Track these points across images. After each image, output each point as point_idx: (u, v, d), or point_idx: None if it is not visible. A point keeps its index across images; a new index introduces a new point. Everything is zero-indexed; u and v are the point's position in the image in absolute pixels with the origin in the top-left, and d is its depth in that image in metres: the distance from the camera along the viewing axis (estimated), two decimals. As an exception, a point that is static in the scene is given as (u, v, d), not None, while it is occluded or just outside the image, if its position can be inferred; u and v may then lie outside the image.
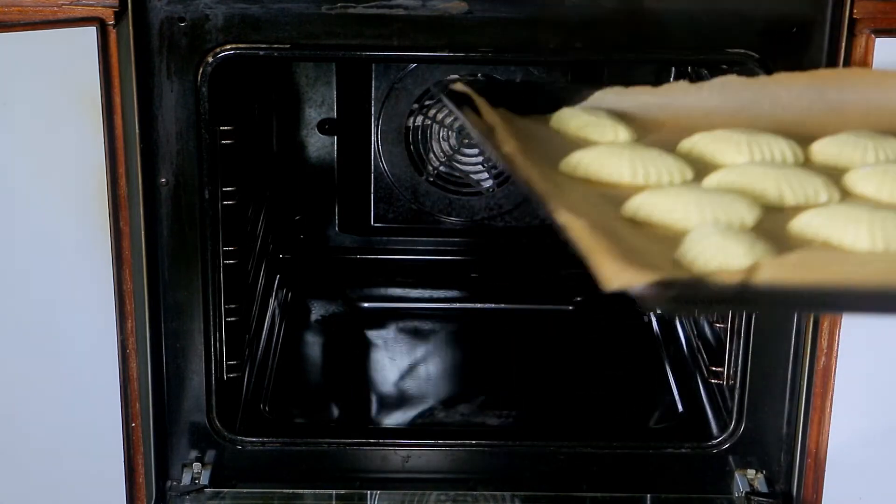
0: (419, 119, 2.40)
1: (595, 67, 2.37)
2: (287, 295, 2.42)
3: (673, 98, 1.52)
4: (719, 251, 1.11)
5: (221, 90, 1.76)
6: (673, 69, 2.34)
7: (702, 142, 1.42)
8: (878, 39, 1.66)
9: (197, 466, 1.86)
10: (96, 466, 1.82)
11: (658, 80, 2.36)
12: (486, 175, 2.44)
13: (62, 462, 1.82)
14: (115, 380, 1.78)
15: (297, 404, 2.09)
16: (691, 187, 1.27)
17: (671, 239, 1.16)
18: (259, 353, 2.17)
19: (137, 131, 1.70)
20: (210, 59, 1.68)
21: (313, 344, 2.32)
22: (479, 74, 2.36)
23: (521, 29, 1.69)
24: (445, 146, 2.42)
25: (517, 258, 2.50)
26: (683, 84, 1.51)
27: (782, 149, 1.39)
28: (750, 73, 1.71)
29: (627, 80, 2.41)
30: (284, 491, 1.87)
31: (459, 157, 2.43)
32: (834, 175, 1.34)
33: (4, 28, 1.62)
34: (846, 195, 1.31)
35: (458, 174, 2.44)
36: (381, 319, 2.37)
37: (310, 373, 2.24)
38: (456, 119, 2.39)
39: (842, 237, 1.18)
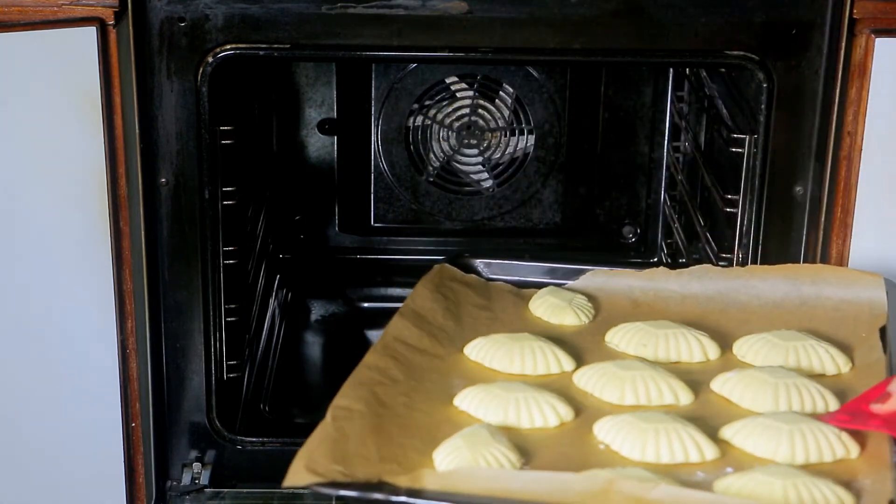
0: (419, 119, 2.41)
1: (594, 68, 2.37)
2: (287, 295, 2.42)
3: (655, 282, 1.67)
4: (450, 453, 1.30)
5: (221, 90, 1.76)
6: (672, 71, 2.35)
7: (620, 332, 1.57)
8: (878, 39, 1.66)
9: (197, 466, 1.86)
10: (96, 466, 1.83)
11: (657, 81, 2.37)
12: (486, 175, 2.44)
13: (62, 462, 1.82)
14: (115, 380, 1.78)
15: (297, 404, 2.09)
16: (517, 388, 1.42)
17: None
18: (259, 353, 2.17)
19: (137, 131, 1.70)
20: (210, 59, 1.68)
21: (313, 344, 2.32)
22: (478, 76, 2.36)
23: (521, 29, 1.69)
24: (445, 146, 2.42)
25: (517, 258, 2.49)
26: (664, 270, 1.67)
27: (690, 346, 1.53)
28: (749, 75, 1.71)
29: (627, 81, 2.42)
30: (284, 491, 1.87)
31: (459, 157, 2.43)
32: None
33: (4, 28, 1.62)
34: (707, 396, 1.44)
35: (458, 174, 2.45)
36: (381, 319, 2.35)
37: (310, 373, 2.24)
38: (456, 119, 2.40)
39: (620, 446, 1.32)
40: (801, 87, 1.70)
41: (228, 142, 1.80)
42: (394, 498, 1.21)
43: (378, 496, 1.22)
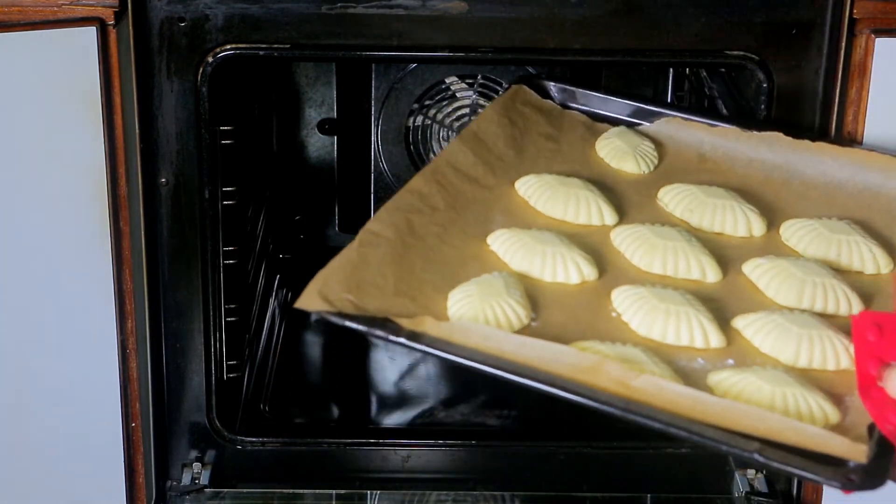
0: (419, 119, 2.40)
1: (594, 68, 2.36)
2: (287, 295, 2.42)
3: (725, 140, 1.67)
4: (462, 299, 1.31)
5: (221, 90, 1.76)
6: (672, 71, 2.34)
7: (673, 192, 1.56)
8: (878, 39, 1.66)
9: (197, 466, 1.86)
10: (96, 466, 1.83)
11: (657, 81, 2.37)
12: (486, 175, 2.44)
13: (62, 462, 1.82)
14: (115, 380, 1.78)
15: (297, 404, 2.09)
16: (548, 239, 1.42)
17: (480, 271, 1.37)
18: (259, 353, 2.17)
19: (137, 131, 1.70)
20: (210, 59, 1.68)
21: (313, 344, 2.32)
22: (479, 76, 2.36)
23: (521, 29, 1.69)
24: (445, 146, 2.42)
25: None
26: (737, 130, 1.66)
27: (736, 219, 1.51)
28: (749, 74, 1.71)
29: (626, 81, 2.42)
30: (284, 491, 1.87)
31: (459, 157, 2.43)
32: (764, 252, 1.47)
33: (4, 28, 1.62)
34: (735, 278, 1.43)
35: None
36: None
37: (310, 373, 2.24)
38: (456, 119, 2.40)
39: (630, 318, 1.33)
40: (801, 87, 1.70)
41: (228, 142, 1.80)
42: (392, 337, 1.24)
43: (380, 333, 1.25)
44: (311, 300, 1.27)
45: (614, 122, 1.71)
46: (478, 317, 1.29)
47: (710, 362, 1.30)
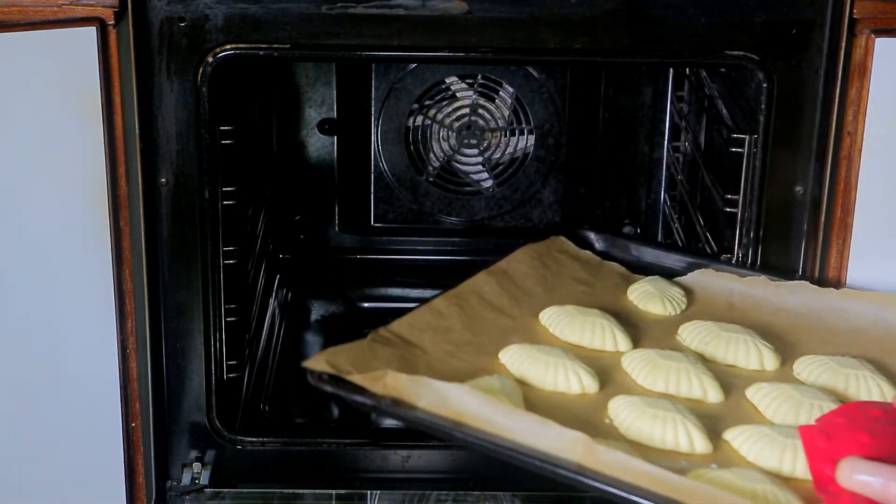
0: (419, 119, 2.41)
1: (594, 68, 2.37)
2: (287, 295, 2.42)
3: (754, 290, 1.69)
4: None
5: (221, 90, 1.76)
6: (672, 71, 2.35)
7: (691, 327, 1.59)
8: (878, 39, 1.66)
9: (197, 466, 1.86)
10: (96, 466, 1.83)
11: (657, 81, 2.37)
12: (486, 175, 2.44)
13: (62, 462, 1.82)
14: (115, 380, 1.78)
15: (297, 404, 2.09)
16: (556, 352, 1.46)
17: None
18: (259, 353, 2.17)
19: (137, 131, 1.70)
20: (210, 59, 1.68)
21: (313, 344, 2.32)
22: (479, 76, 2.36)
23: (521, 29, 1.69)
24: (445, 146, 2.42)
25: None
26: (765, 279, 1.69)
27: (748, 353, 1.54)
28: (749, 74, 1.71)
29: (627, 81, 2.42)
30: (284, 491, 1.87)
31: (459, 157, 2.43)
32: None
33: (4, 28, 1.62)
34: (737, 401, 1.45)
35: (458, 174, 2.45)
36: (381, 319, 2.36)
37: (310, 373, 2.24)
38: (456, 119, 2.40)
39: (620, 423, 1.36)
40: (801, 87, 1.70)
41: (228, 142, 1.80)
42: (401, 411, 1.32)
43: (360, 399, 1.32)
44: (318, 363, 1.34)
45: (654, 272, 1.74)
46: None
47: (693, 466, 1.31)
